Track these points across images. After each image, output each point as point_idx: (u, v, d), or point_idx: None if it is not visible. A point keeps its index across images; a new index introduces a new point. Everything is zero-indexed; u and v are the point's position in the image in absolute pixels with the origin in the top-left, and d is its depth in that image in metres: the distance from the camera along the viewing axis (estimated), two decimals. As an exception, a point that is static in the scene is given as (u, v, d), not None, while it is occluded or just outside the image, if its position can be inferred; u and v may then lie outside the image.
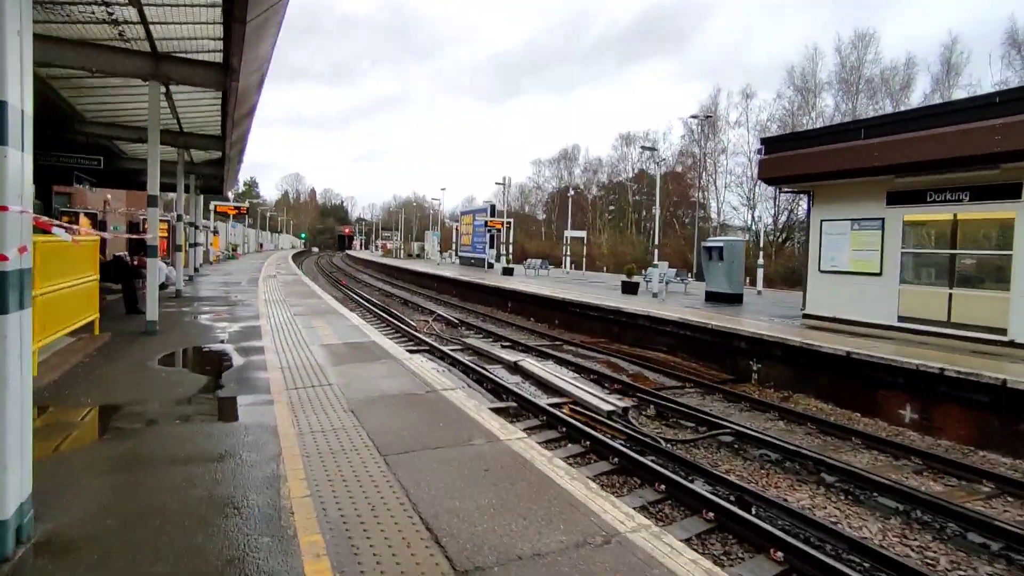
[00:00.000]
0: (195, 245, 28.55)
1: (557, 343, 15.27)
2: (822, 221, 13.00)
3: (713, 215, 58.10)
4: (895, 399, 8.78)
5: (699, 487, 5.88)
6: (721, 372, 11.84)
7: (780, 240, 52.15)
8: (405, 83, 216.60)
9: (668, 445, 7.46)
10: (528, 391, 9.87)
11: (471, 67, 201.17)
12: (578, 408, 8.78)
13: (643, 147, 28.72)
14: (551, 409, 8.36)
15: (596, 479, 6.29)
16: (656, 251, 19.69)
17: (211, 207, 30.86)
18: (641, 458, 6.54)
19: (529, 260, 34.11)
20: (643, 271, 22.97)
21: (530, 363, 11.44)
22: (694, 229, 51.10)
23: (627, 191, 70.40)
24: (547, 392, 9.90)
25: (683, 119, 58.18)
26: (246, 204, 35.35)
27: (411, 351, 12.82)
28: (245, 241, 55.43)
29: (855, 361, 9.18)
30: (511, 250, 39.11)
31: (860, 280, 12.12)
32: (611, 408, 8.55)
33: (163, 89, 8.89)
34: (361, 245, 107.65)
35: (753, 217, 55.22)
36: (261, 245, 73.25)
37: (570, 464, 6.66)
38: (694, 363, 12.49)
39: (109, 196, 29.19)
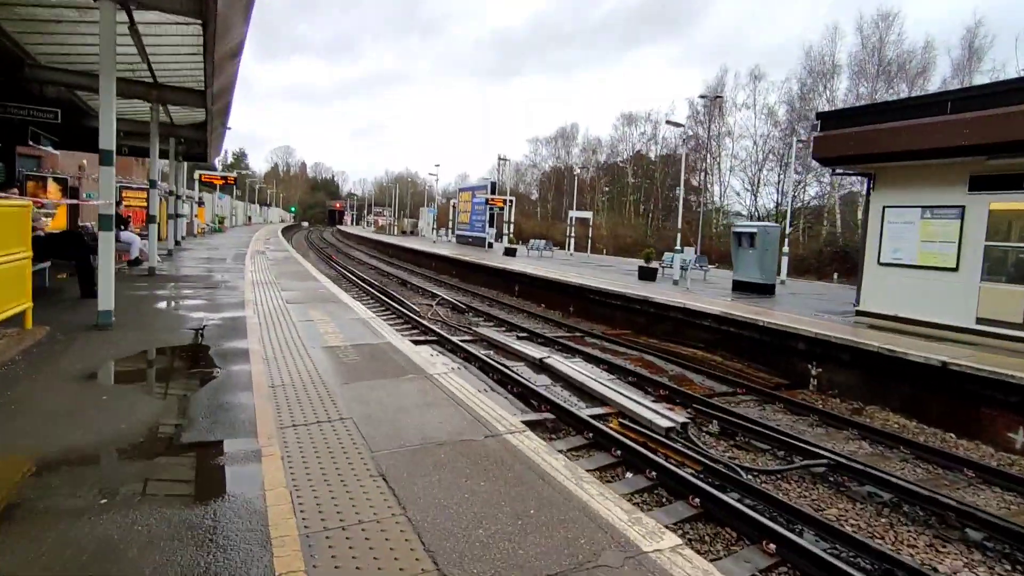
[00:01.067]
0: (177, 216, 26.71)
1: (577, 334, 13.80)
2: (885, 208, 11.52)
3: (717, 199, 56.67)
4: (1005, 420, 7.39)
5: (815, 547, 4.46)
6: (772, 375, 10.44)
7: (791, 225, 50.86)
8: (405, 60, 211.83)
9: (750, 477, 6.04)
10: (560, 396, 8.41)
11: (473, 44, 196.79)
12: (627, 423, 7.33)
13: (668, 122, 26.90)
14: (597, 424, 6.91)
15: (677, 526, 4.86)
16: (679, 236, 18.12)
17: (196, 176, 28.90)
18: (735, 503, 5.10)
19: (532, 240, 32.52)
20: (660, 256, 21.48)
21: (558, 361, 9.97)
22: (698, 213, 49.71)
23: (626, 172, 68.65)
24: (583, 398, 8.44)
25: (689, 99, 56.23)
26: (234, 174, 33.37)
27: (417, 341, 11.35)
28: (233, 214, 53.30)
29: (953, 373, 7.77)
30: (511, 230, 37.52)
31: (930, 275, 10.69)
32: (668, 424, 7.10)
33: (123, 18, 7.14)
34: (352, 220, 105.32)
35: (756, 202, 53.88)
36: (250, 218, 70.95)
37: (634, 503, 5.22)
38: (739, 363, 11.07)
39: (85, 161, 27.23)
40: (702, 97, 42.38)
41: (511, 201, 33.61)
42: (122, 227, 13.47)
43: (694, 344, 12.41)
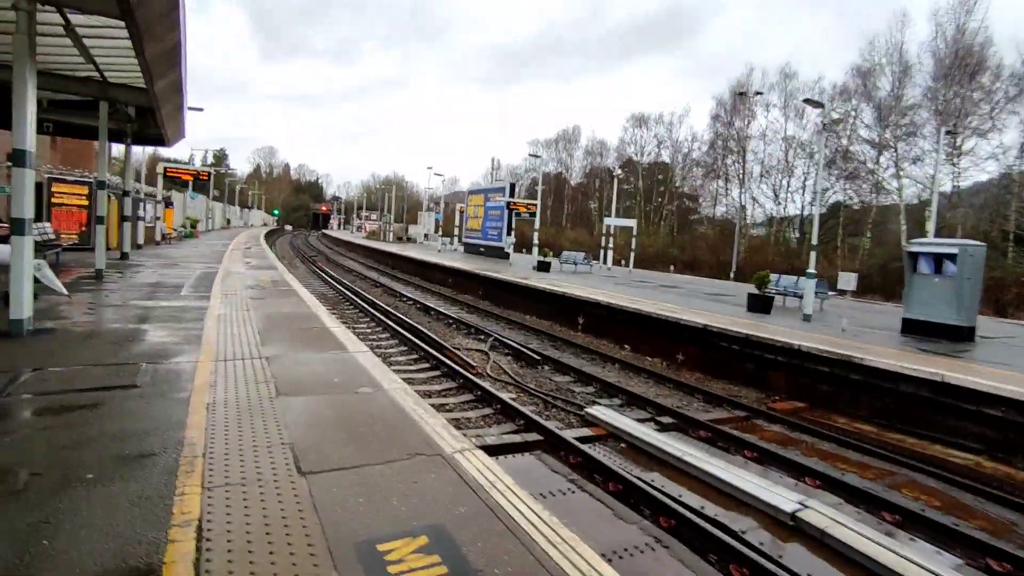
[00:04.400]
0: (135, 219, 21.30)
1: (738, 412, 8.84)
2: None
3: (743, 206, 52.24)
4: None
5: None
6: None
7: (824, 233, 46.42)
8: (404, 66, 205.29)
9: None
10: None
11: (475, 53, 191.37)
12: None
13: (807, 101, 21.58)
14: None
15: None
16: (813, 254, 13.29)
17: (160, 171, 23.48)
18: None
19: (564, 253, 27.54)
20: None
21: (830, 521, 4.98)
22: (731, 225, 45.24)
23: (639, 177, 64.08)
24: None
25: (717, 97, 51.84)
26: (207, 169, 27.99)
27: (508, 447, 6.45)
28: (209, 216, 47.61)
29: None
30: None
31: None
32: None
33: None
34: (340, 225, 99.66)
35: (784, 208, 49.52)
36: (228, 221, 65.10)
37: None
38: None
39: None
40: (740, 94, 37.92)
41: (533, 207, 28.58)
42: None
43: (957, 442, 7.51)
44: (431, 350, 11.11)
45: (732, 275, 35.88)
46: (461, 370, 9.81)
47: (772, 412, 8.86)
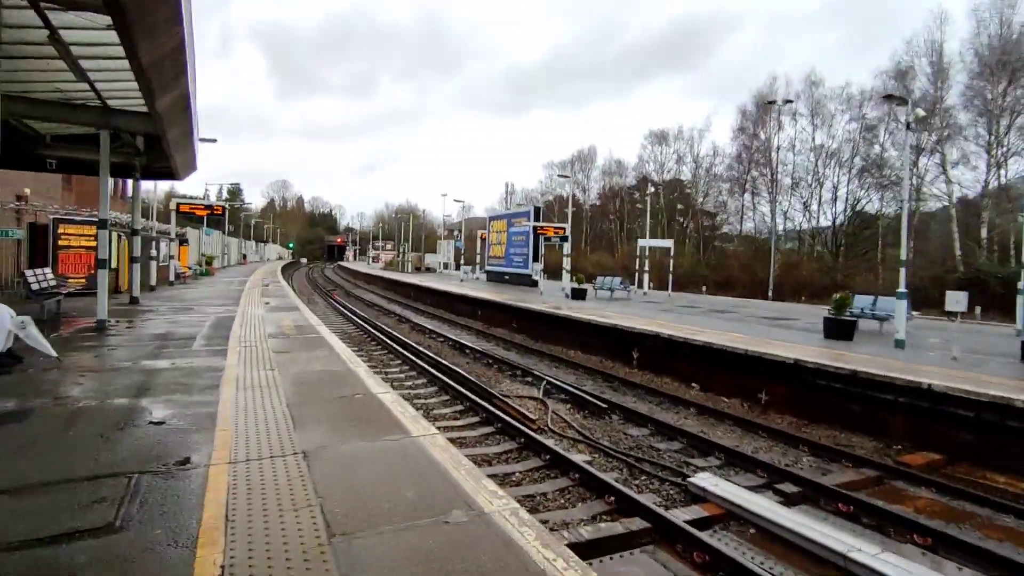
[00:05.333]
0: (149, 259, 20.22)
1: (868, 473, 7.21)
2: None
3: (768, 222, 50.48)
4: None
5: None
6: None
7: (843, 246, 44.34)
8: (417, 98, 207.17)
9: None
10: None
11: (487, 82, 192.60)
12: None
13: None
14: None
15: None
16: (903, 271, 11.70)
17: (172, 207, 22.49)
18: None
19: (600, 278, 26.04)
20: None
21: None
22: (766, 239, 43.48)
23: (659, 196, 62.62)
24: None
25: (741, 107, 50.48)
26: (222, 203, 27.03)
27: (599, 544, 4.89)
28: (225, 252, 46.89)
29: None
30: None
31: None
32: None
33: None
34: (355, 256, 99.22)
35: (816, 219, 47.66)
36: (245, 256, 64.56)
37: None
38: None
39: (28, 190, 20.88)
40: (770, 103, 36.57)
41: (565, 232, 27.16)
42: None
43: None
44: (478, 399, 9.64)
45: (770, 294, 34.07)
46: (519, 425, 8.32)
47: (907, 470, 7.22)
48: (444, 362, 12.83)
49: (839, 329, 12.68)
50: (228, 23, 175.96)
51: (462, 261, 39.49)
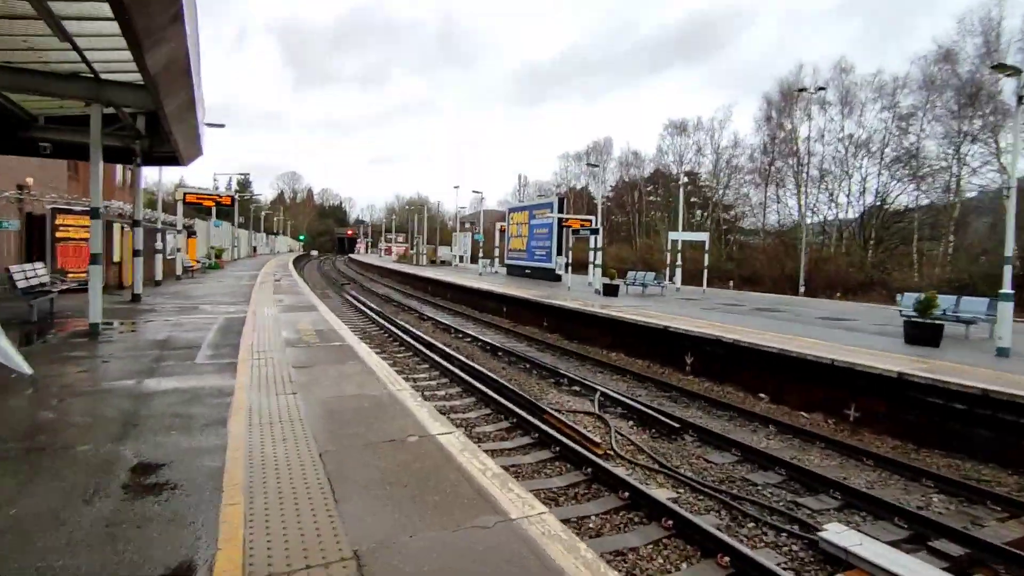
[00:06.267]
0: (155, 252, 19.03)
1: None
2: None
3: (794, 215, 48.66)
4: None
5: None
6: None
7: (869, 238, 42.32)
8: (430, 91, 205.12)
9: None
10: None
11: (501, 75, 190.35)
12: None
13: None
14: None
15: None
16: (1007, 268, 10.22)
17: (178, 197, 21.26)
18: None
19: (631, 274, 24.58)
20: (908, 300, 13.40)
21: None
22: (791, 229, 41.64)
23: (679, 187, 60.83)
24: None
25: (766, 95, 48.60)
26: (231, 193, 25.78)
27: None
28: (235, 244, 45.81)
29: None
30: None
31: None
32: None
33: None
34: (366, 248, 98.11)
35: (845, 210, 45.79)
36: (255, 249, 63.56)
37: None
38: None
39: (31, 179, 19.73)
40: (801, 90, 34.84)
41: (594, 224, 25.68)
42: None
43: None
44: (525, 413, 8.33)
45: (801, 290, 32.44)
46: (581, 449, 7.00)
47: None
48: (478, 368, 11.52)
49: (924, 334, 11.23)
50: (244, 17, 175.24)
51: (480, 254, 38.03)
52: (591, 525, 5.45)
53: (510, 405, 8.79)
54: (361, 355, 7.41)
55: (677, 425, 8.17)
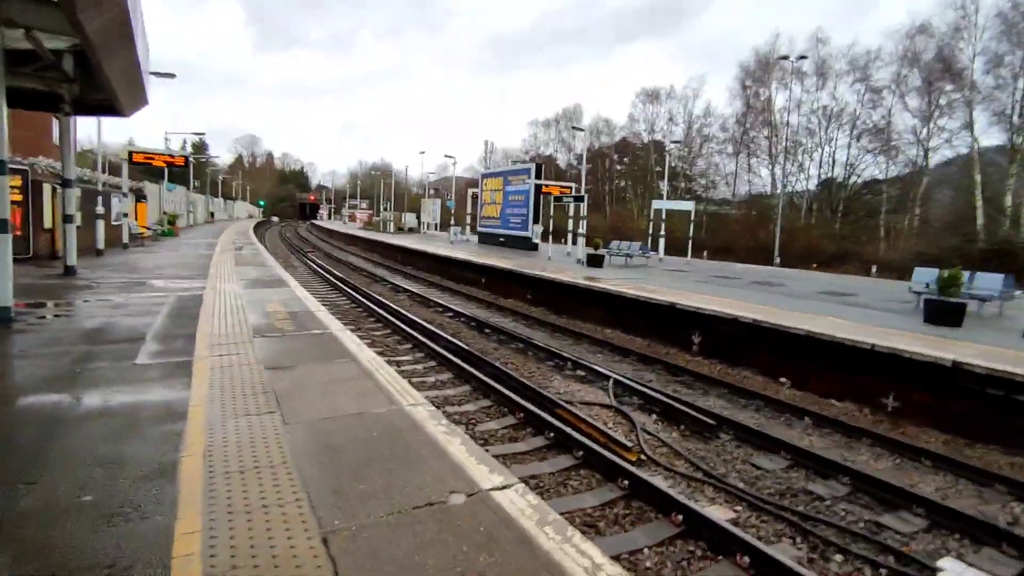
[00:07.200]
0: (67, 219, 16.94)
1: None
2: None
3: (766, 185, 48.39)
4: None
5: None
6: None
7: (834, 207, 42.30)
8: (397, 57, 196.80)
9: None
10: None
11: (470, 42, 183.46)
12: None
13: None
14: None
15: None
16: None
17: (124, 156, 19.07)
18: None
19: (615, 243, 23.54)
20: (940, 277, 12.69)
21: None
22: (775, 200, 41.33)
23: (649, 156, 60.04)
24: None
25: (743, 63, 47.70)
26: (186, 154, 23.41)
27: None
28: (191, 210, 43.05)
29: None
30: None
31: None
32: None
33: None
34: (329, 215, 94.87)
35: (808, 186, 45.74)
36: (212, 215, 60.30)
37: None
38: None
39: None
40: (782, 58, 33.94)
41: (579, 192, 24.42)
42: None
43: None
44: (531, 406, 7.24)
45: (777, 261, 32.08)
46: (608, 454, 5.96)
47: None
48: (466, 347, 10.36)
49: (946, 313, 10.50)
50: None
51: (451, 222, 36.46)
52: (648, 566, 4.39)
53: (513, 396, 7.67)
54: (351, 349, 6.05)
55: (712, 422, 7.17)
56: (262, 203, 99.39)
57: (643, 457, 6.31)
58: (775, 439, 6.75)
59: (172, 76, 17.03)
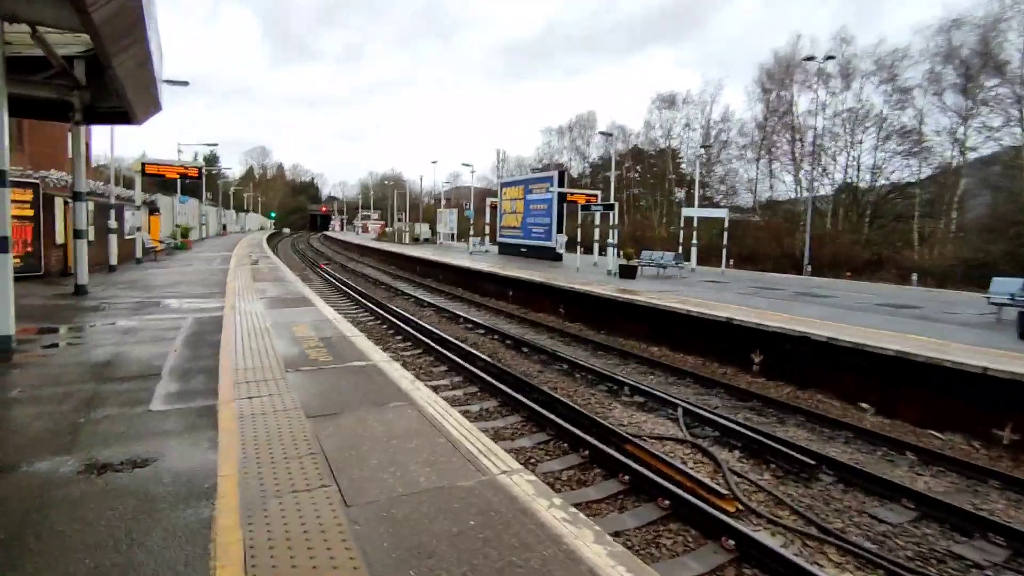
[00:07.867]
0: (108, 232, 16.32)
1: None
2: None
3: (790, 191, 47.19)
4: None
5: None
6: None
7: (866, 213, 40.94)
8: (409, 67, 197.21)
9: None
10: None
11: (481, 51, 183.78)
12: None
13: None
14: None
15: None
16: None
17: (137, 169, 18.41)
18: None
19: (646, 253, 22.56)
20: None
21: None
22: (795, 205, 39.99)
23: (667, 163, 58.98)
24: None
25: (762, 65, 46.74)
26: (199, 165, 22.83)
27: None
28: (203, 223, 42.60)
29: None
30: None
31: None
32: None
33: None
34: (341, 226, 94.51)
35: (833, 190, 44.44)
36: (224, 227, 59.98)
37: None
38: None
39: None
40: (808, 59, 32.97)
41: (609, 200, 23.50)
42: None
43: None
44: (594, 440, 6.34)
45: (808, 270, 30.91)
46: (699, 503, 5.04)
47: None
48: (508, 370, 9.47)
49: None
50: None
51: (471, 232, 35.59)
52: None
53: (572, 428, 6.75)
54: (404, 388, 5.04)
55: (811, 461, 6.19)
56: (273, 215, 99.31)
57: (740, 507, 5.35)
58: (884, 481, 5.78)
59: (185, 84, 16.39)
